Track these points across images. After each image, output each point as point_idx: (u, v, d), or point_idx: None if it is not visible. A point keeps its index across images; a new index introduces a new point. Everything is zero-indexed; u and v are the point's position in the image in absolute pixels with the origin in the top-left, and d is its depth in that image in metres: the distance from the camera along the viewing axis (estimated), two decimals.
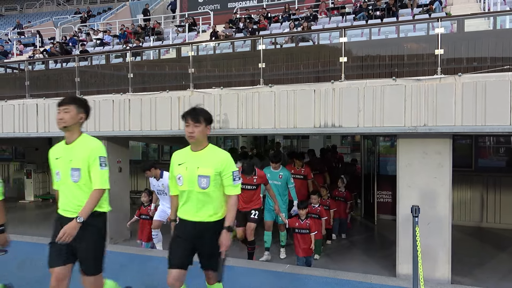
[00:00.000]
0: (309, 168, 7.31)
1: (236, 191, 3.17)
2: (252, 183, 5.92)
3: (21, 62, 10.00)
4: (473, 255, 6.78)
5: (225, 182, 3.13)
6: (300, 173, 7.17)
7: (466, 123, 5.05)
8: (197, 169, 3.09)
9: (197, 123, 3.11)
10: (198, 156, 3.14)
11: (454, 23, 6.88)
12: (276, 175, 6.40)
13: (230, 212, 3.15)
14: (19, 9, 32.33)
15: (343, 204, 7.62)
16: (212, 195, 3.12)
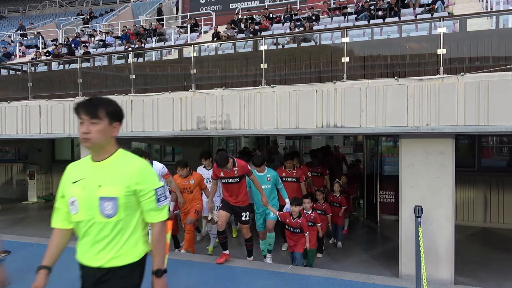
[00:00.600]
0: (302, 170, 6.86)
1: (161, 216, 2.25)
2: (234, 175, 5.53)
3: (24, 63, 10.04)
4: (476, 255, 6.76)
5: (145, 205, 2.20)
6: (291, 175, 6.75)
7: (468, 122, 5.03)
8: (99, 188, 2.13)
9: (94, 118, 2.13)
10: (101, 169, 2.18)
11: (457, 22, 6.87)
12: (263, 179, 5.98)
13: (157, 250, 2.24)
14: (22, 11, 32.46)
15: (337, 210, 7.15)
16: (123, 226, 2.17)
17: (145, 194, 2.19)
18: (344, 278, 5.08)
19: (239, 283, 4.86)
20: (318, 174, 7.70)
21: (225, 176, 5.55)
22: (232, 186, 5.59)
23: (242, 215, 5.71)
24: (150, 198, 2.20)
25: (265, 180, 6.00)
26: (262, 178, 5.98)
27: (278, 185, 6.08)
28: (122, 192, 2.14)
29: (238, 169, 5.52)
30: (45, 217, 10.76)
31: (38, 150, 12.94)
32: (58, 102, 7.79)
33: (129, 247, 2.19)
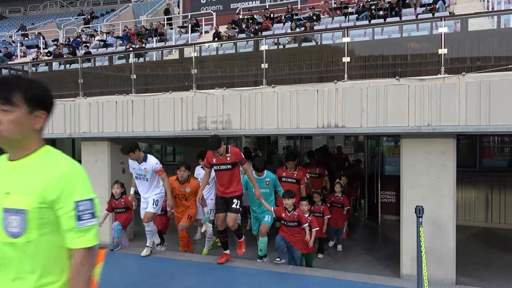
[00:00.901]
0: (302, 172, 6.74)
1: (85, 241, 1.59)
2: (226, 162, 5.32)
3: (25, 64, 10.05)
4: (478, 255, 6.74)
5: (62, 223, 1.58)
6: (292, 176, 6.64)
7: (470, 122, 5.02)
8: (5, 195, 1.58)
9: (7, 104, 1.56)
10: (14, 171, 1.63)
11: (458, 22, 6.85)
12: (262, 182, 5.85)
13: (78, 285, 1.59)
14: (23, 11, 32.51)
15: (340, 210, 6.97)
16: (35, 251, 1.58)
17: (61, 208, 1.57)
18: (345, 278, 5.08)
19: (239, 283, 4.85)
20: (317, 175, 7.55)
21: (217, 163, 5.32)
22: (224, 174, 5.36)
23: (233, 202, 5.42)
24: (67, 213, 1.57)
25: (264, 184, 5.85)
26: (261, 181, 5.83)
27: (278, 187, 5.95)
28: (34, 203, 1.55)
29: (231, 156, 5.31)
30: None
31: None
32: (59, 102, 7.78)
33: (42, 277, 1.58)
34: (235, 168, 5.41)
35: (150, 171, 5.86)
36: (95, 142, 7.59)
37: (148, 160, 5.86)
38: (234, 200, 5.40)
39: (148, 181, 5.91)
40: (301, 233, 5.43)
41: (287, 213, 5.47)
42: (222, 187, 5.43)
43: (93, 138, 7.56)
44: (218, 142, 5.25)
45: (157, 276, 5.20)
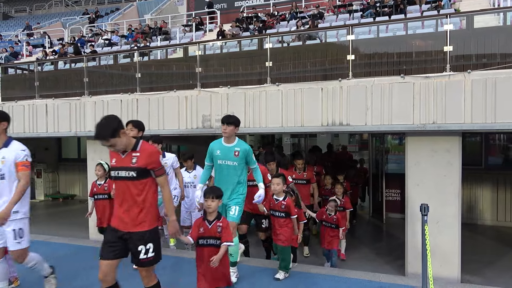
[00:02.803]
0: (311, 171, 6.51)
1: None
2: None
3: (31, 63, 10.11)
4: (483, 254, 6.72)
5: None
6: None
7: (475, 120, 4.99)
8: None
9: None
10: None
11: (463, 19, 6.80)
12: (229, 153, 4.50)
13: None
14: (29, 11, 32.70)
15: (342, 214, 6.26)
16: None
17: None
18: (350, 276, 5.07)
19: (243, 281, 4.86)
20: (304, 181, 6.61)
21: None
22: None
23: None
24: None
25: (231, 154, 4.48)
26: (228, 151, 4.51)
27: (252, 164, 4.61)
28: None
29: None
30: (52, 215, 10.86)
31: (45, 149, 13.05)
32: (64, 101, 7.85)
33: None
34: None
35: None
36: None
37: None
38: None
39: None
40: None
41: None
42: None
43: None
44: None
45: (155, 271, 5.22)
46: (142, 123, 5.37)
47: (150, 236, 3.23)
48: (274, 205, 4.88)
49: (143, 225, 3.21)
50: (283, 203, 4.77)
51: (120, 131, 3.12)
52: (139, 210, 3.20)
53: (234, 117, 4.62)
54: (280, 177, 4.88)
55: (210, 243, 3.78)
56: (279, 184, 4.80)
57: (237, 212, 4.50)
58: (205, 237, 3.79)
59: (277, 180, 4.82)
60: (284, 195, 4.86)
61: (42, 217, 10.52)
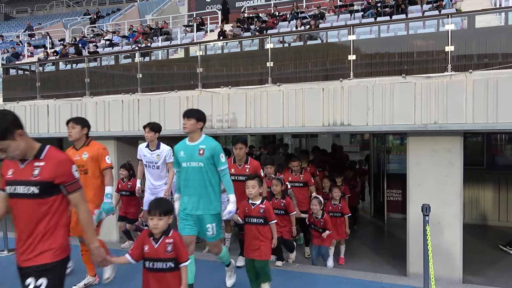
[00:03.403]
0: (309, 173, 6.32)
1: None
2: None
3: (32, 63, 10.13)
4: (485, 254, 6.70)
5: None
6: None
7: (477, 120, 4.98)
8: None
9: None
10: None
11: (465, 19, 6.79)
12: (193, 152, 3.92)
13: None
14: (30, 12, 32.77)
15: (339, 220, 6.08)
16: None
17: None
18: (352, 277, 5.07)
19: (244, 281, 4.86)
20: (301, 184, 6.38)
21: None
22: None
23: None
24: None
25: (195, 154, 3.90)
26: (192, 151, 3.93)
27: (221, 165, 3.93)
28: None
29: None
30: None
31: None
32: (66, 101, 7.86)
33: None
34: None
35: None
36: (102, 141, 7.61)
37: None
38: None
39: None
40: None
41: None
42: None
43: (99, 137, 7.59)
44: None
45: None
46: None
47: (49, 270, 2.45)
48: (250, 211, 4.25)
49: (44, 256, 2.47)
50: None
51: (16, 132, 2.37)
52: (41, 236, 2.47)
53: (196, 110, 4.15)
54: (256, 178, 4.27)
55: (157, 267, 2.96)
56: (254, 187, 4.19)
57: (215, 231, 3.99)
58: (152, 259, 2.98)
59: (252, 183, 4.21)
60: (262, 199, 4.31)
61: None
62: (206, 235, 4.00)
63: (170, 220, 3.01)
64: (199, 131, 4.05)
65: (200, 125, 4.03)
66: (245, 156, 5.18)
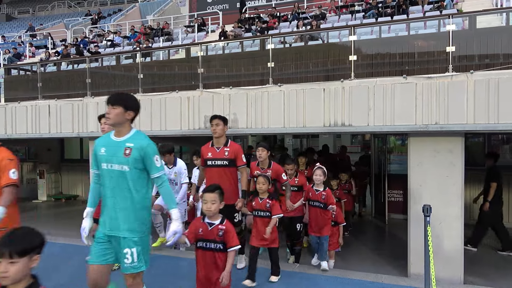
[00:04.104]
0: (304, 177, 5.96)
1: None
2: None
3: (34, 64, 10.15)
4: (487, 255, 6.68)
5: None
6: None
7: (478, 121, 4.97)
8: None
9: None
10: None
11: (466, 19, 6.80)
12: (117, 150, 3.10)
13: None
14: (32, 12, 32.84)
15: (332, 229, 5.67)
16: None
17: None
18: (352, 277, 5.06)
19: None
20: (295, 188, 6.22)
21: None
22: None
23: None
24: None
25: (120, 153, 3.08)
26: (116, 149, 3.13)
27: (153, 171, 3.10)
28: None
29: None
30: (55, 215, 10.88)
31: (47, 150, 13.09)
32: (67, 102, 7.87)
33: None
34: None
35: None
36: None
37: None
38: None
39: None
40: None
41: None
42: None
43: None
44: None
45: (159, 274, 5.22)
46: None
47: None
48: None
49: None
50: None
51: None
52: None
53: (124, 95, 3.32)
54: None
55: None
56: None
57: (135, 259, 3.01)
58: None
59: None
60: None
61: (45, 218, 10.55)
62: (123, 263, 3.03)
63: (34, 263, 1.99)
64: (128, 124, 3.17)
65: (130, 115, 3.15)
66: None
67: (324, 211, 5.28)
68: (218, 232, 3.32)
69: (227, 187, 4.34)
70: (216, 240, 3.32)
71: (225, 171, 4.75)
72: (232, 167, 4.78)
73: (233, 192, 4.79)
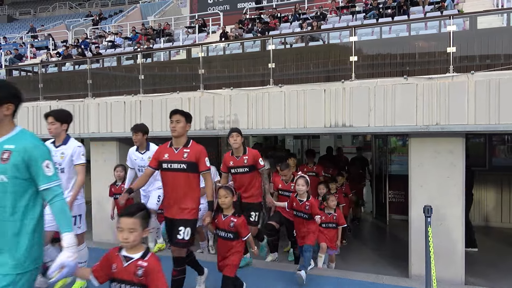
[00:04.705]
0: None
1: None
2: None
3: (35, 65, 10.17)
4: (488, 255, 6.67)
5: None
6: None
7: (479, 121, 4.97)
8: None
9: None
10: None
11: (467, 20, 6.80)
12: None
13: None
14: (33, 13, 32.90)
15: (332, 232, 5.51)
16: None
17: None
18: (353, 278, 5.06)
19: (247, 282, 4.85)
20: None
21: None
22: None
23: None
24: None
25: None
26: None
27: (42, 182, 2.40)
28: None
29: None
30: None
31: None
32: (68, 102, 7.88)
33: None
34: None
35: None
36: (104, 142, 7.66)
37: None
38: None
39: None
40: None
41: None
42: None
43: (101, 138, 7.63)
44: None
45: None
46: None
47: None
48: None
49: None
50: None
51: None
52: None
53: (4, 84, 2.59)
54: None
55: None
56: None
57: None
58: None
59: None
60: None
61: None
62: None
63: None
64: (9, 120, 2.44)
65: (10, 109, 2.43)
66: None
67: (308, 221, 4.88)
68: (137, 270, 2.39)
69: (183, 196, 3.87)
70: (133, 282, 2.41)
71: (183, 176, 3.92)
72: (192, 172, 3.94)
73: (193, 203, 3.96)
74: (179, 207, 3.86)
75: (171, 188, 3.89)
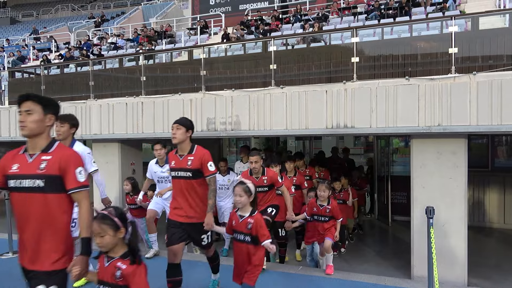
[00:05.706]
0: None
1: None
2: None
3: (37, 67, 10.21)
4: (490, 257, 6.65)
5: None
6: None
7: (481, 122, 4.96)
8: None
9: None
10: None
11: (469, 21, 6.77)
12: None
13: None
14: (35, 15, 33.04)
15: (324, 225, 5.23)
16: None
17: None
18: (355, 279, 5.05)
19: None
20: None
21: None
22: None
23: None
24: None
25: None
26: None
27: None
28: None
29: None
30: None
31: None
32: (70, 104, 7.90)
33: None
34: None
35: None
36: (106, 143, 7.68)
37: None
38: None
39: None
40: None
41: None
42: None
43: (104, 140, 7.65)
44: None
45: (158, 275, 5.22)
46: None
47: None
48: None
49: None
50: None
51: None
52: None
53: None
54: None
55: None
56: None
57: None
58: None
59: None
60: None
61: None
62: None
63: None
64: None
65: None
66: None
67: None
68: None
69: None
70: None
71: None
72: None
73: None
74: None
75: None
